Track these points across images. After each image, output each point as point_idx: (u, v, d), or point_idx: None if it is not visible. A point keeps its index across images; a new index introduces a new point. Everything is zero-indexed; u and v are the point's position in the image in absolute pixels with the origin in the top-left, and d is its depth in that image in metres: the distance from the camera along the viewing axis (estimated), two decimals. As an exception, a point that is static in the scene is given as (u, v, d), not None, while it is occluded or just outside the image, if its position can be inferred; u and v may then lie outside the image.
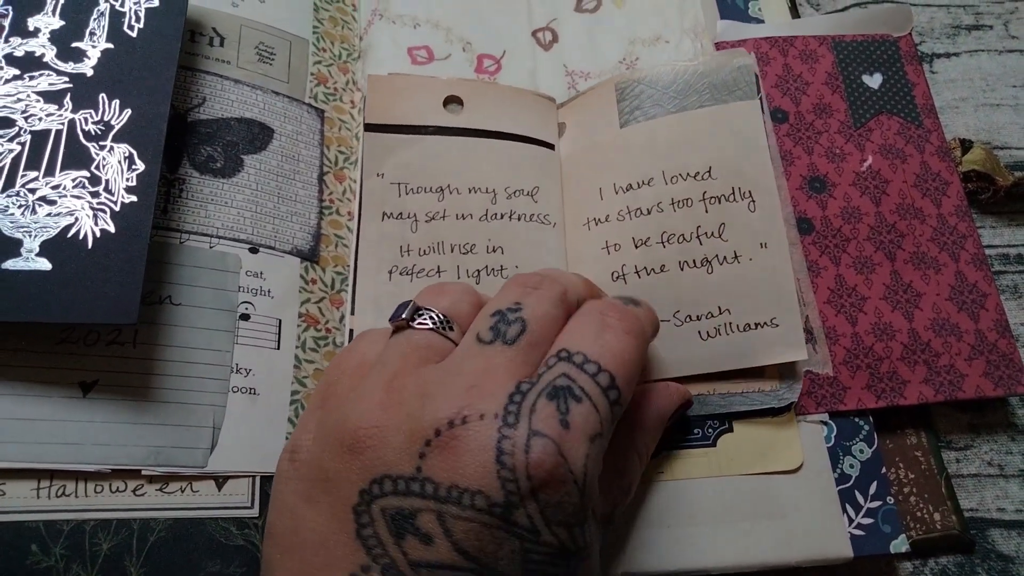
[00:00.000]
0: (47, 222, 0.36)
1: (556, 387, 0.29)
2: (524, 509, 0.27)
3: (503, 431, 0.27)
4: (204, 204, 0.41)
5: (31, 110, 0.38)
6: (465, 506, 0.26)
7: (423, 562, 0.26)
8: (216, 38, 0.44)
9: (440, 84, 0.45)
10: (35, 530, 0.34)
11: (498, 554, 0.27)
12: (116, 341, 0.37)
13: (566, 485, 0.27)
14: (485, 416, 0.27)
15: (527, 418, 0.28)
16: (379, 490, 0.27)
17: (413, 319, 0.32)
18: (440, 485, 0.27)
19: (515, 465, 0.27)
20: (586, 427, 0.28)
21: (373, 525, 0.27)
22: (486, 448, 0.27)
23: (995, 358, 0.43)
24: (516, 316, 0.31)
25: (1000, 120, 0.53)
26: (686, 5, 0.52)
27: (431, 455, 0.27)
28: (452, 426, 0.27)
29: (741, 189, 0.42)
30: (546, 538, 0.27)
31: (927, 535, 0.41)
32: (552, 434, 0.27)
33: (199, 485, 0.36)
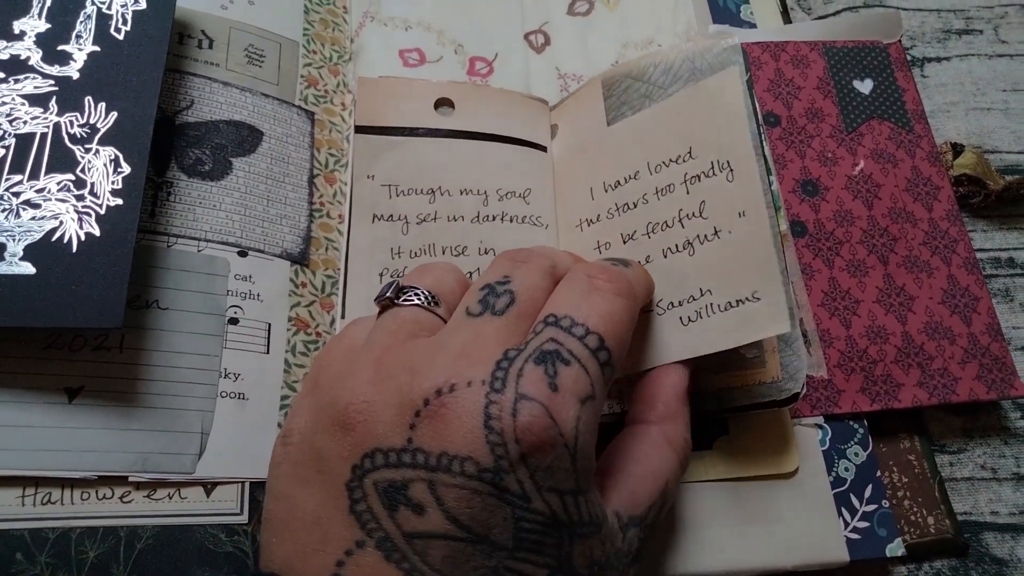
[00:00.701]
0: (31, 226, 0.35)
1: (544, 351, 0.28)
2: (514, 474, 0.27)
3: (490, 396, 0.27)
4: (192, 207, 0.40)
5: (16, 113, 0.37)
6: (455, 473, 0.26)
7: (417, 532, 0.26)
8: (205, 40, 0.44)
9: (431, 87, 0.45)
10: (20, 538, 0.33)
11: (490, 522, 0.26)
12: (102, 346, 0.37)
13: (556, 448, 0.27)
14: (472, 383, 0.27)
15: (514, 382, 0.27)
16: (371, 464, 0.27)
17: (398, 297, 0.32)
18: (431, 454, 0.27)
19: (503, 429, 0.27)
20: (576, 389, 0.28)
21: (366, 500, 0.27)
22: (474, 414, 0.27)
23: (987, 361, 0.43)
24: (504, 288, 0.31)
25: (990, 124, 0.53)
26: (678, 9, 0.52)
27: (421, 425, 0.27)
28: (440, 395, 0.27)
29: (719, 161, 0.39)
30: (537, 505, 0.27)
31: (921, 539, 0.40)
32: (540, 397, 0.27)
33: (187, 492, 0.36)
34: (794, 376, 0.38)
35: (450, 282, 0.33)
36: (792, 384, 0.38)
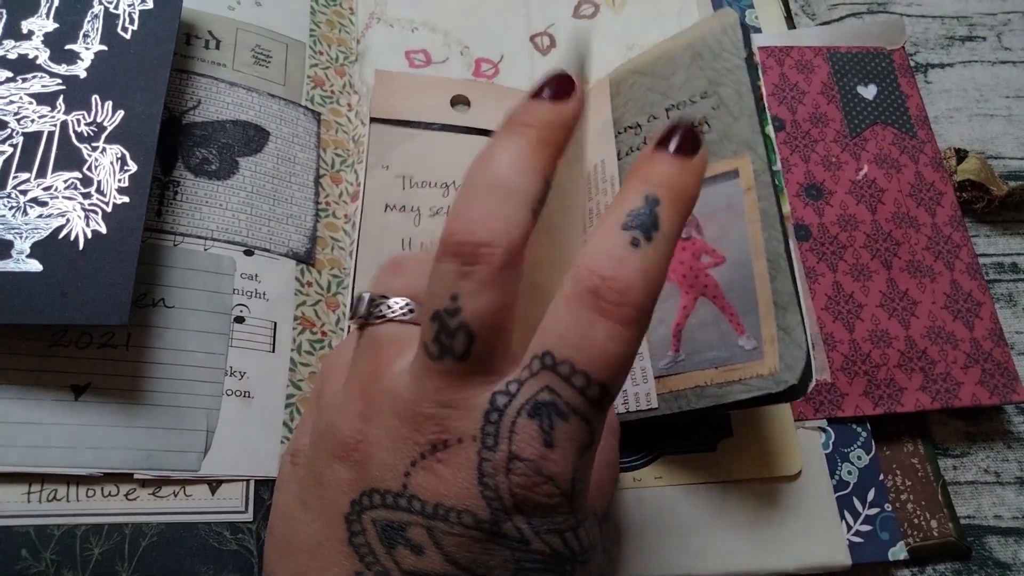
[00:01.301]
0: (38, 223, 0.35)
1: (537, 403, 0.26)
2: (511, 523, 0.26)
3: (483, 454, 0.26)
4: (198, 206, 0.40)
5: (23, 112, 0.38)
6: (452, 523, 0.26)
7: (417, 571, 0.26)
8: (212, 41, 0.44)
9: (448, 83, 0.45)
10: (25, 535, 0.33)
11: (490, 563, 0.26)
12: (109, 344, 0.37)
13: (553, 498, 0.26)
14: (463, 440, 0.26)
15: (506, 440, 0.25)
16: (368, 502, 0.27)
17: (371, 315, 0.30)
18: (427, 503, 0.26)
19: (497, 486, 0.25)
20: (573, 442, 0.26)
21: (364, 534, 0.27)
22: (467, 470, 0.26)
23: (990, 367, 0.43)
24: (456, 323, 0.26)
25: (994, 130, 0.53)
26: (683, 13, 0.52)
27: (416, 474, 0.26)
28: (435, 450, 0.26)
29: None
30: (537, 547, 0.26)
31: (924, 542, 0.40)
32: (534, 456, 0.25)
33: (192, 489, 0.36)
34: (792, 367, 0.36)
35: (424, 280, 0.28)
36: (789, 376, 0.35)
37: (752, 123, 0.39)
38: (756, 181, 0.38)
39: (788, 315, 0.37)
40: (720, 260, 0.39)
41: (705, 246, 0.40)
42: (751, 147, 0.39)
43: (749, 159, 0.39)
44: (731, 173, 0.39)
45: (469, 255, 0.26)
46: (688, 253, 0.40)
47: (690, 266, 0.40)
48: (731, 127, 0.40)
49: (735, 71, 0.40)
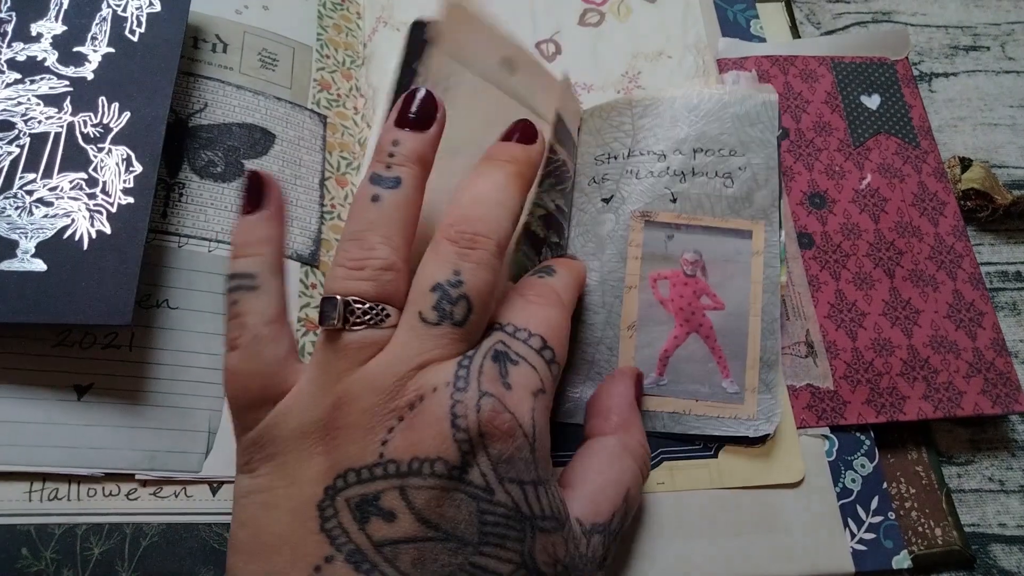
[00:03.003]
0: (44, 223, 0.35)
1: (496, 351, 0.30)
2: (478, 467, 0.28)
3: (455, 396, 0.28)
4: (204, 208, 0.40)
5: (31, 113, 0.38)
6: (426, 475, 0.28)
7: (387, 540, 0.27)
8: (219, 44, 0.44)
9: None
10: (26, 533, 0.33)
11: (457, 518, 0.28)
12: (112, 344, 0.37)
13: (515, 438, 0.29)
14: (438, 388, 0.29)
15: (476, 380, 0.29)
16: (343, 483, 0.28)
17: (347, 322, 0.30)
18: (401, 462, 0.28)
19: (468, 425, 0.28)
20: (527, 384, 0.30)
21: (337, 516, 0.28)
22: (442, 417, 0.28)
23: (993, 376, 0.43)
24: (459, 293, 0.30)
25: (998, 139, 0.53)
26: (688, 22, 0.53)
27: (393, 439, 0.28)
28: (412, 407, 0.28)
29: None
30: (500, 496, 0.28)
31: (928, 550, 0.40)
32: (498, 393, 0.29)
33: (193, 490, 0.36)
34: (769, 418, 0.40)
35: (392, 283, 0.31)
36: (766, 426, 0.40)
37: (773, 196, 0.43)
38: (766, 248, 0.42)
39: (772, 373, 0.41)
40: (720, 306, 0.42)
41: (707, 288, 0.42)
42: (767, 217, 0.43)
43: (763, 227, 0.43)
44: (745, 232, 0.43)
45: (469, 241, 0.31)
46: (690, 290, 0.42)
47: (689, 303, 0.42)
48: (754, 192, 0.43)
49: (767, 145, 0.44)
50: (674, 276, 0.42)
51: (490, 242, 0.31)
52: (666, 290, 0.42)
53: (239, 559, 0.29)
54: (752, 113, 0.45)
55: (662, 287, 0.42)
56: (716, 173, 0.44)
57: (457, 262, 0.31)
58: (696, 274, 0.42)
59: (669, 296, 0.42)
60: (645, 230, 0.43)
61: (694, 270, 0.42)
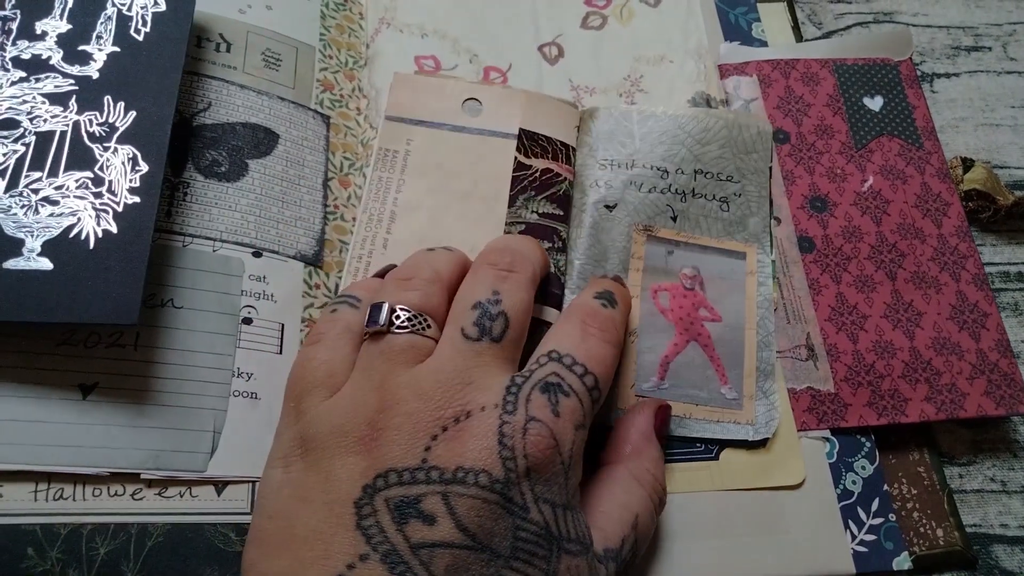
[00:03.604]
0: (49, 222, 0.35)
1: (547, 383, 0.32)
2: (519, 487, 0.29)
3: (503, 417, 0.30)
4: (208, 208, 0.40)
5: (36, 112, 0.38)
6: (469, 484, 0.28)
7: (425, 543, 0.27)
8: (223, 44, 0.44)
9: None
10: (31, 533, 0.33)
11: (494, 530, 0.28)
12: (117, 344, 0.37)
13: (555, 464, 0.30)
14: (486, 408, 0.30)
15: (524, 406, 0.30)
16: (384, 483, 0.28)
17: (391, 324, 0.33)
18: (446, 470, 0.29)
19: (514, 446, 0.29)
20: (573, 417, 0.31)
21: (375, 515, 0.28)
22: (489, 434, 0.29)
23: (996, 377, 0.43)
24: (498, 310, 0.33)
25: (999, 140, 0.53)
26: (690, 26, 0.53)
27: (437, 447, 0.29)
28: (457, 421, 0.30)
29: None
30: (534, 515, 0.29)
31: (930, 551, 0.40)
32: (546, 420, 0.30)
33: (198, 490, 0.36)
34: (767, 425, 0.42)
35: (436, 298, 0.34)
36: (765, 431, 0.41)
37: (765, 222, 0.46)
38: (758, 269, 0.45)
39: (769, 381, 0.42)
40: (717, 318, 0.44)
41: (705, 301, 0.44)
42: (760, 241, 0.46)
43: (756, 249, 0.45)
44: (740, 254, 0.45)
45: (507, 265, 0.35)
46: (689, 302, 0.43)
47: (688, 313, 0.43)
48: (748, 218, 0.46)
49: (760, 175, 0.47)
50: (674, 288, 0.44)
51: (527, 267, 0.36)
52: (666, 301, 0.43)
53: (262, 551, 0.29)
54: (748, 142, 0.47)
55: (662, 298, 0.43)
56: (714, 196, 0.46)
57: (496, 283, 0.34)
58: (695, 288, 0.44)
59: (669, 307, 0.43)
60: (647, 244, 0.44)
61: (692, 284, 0.44)
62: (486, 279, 0.34)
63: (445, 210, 0.43)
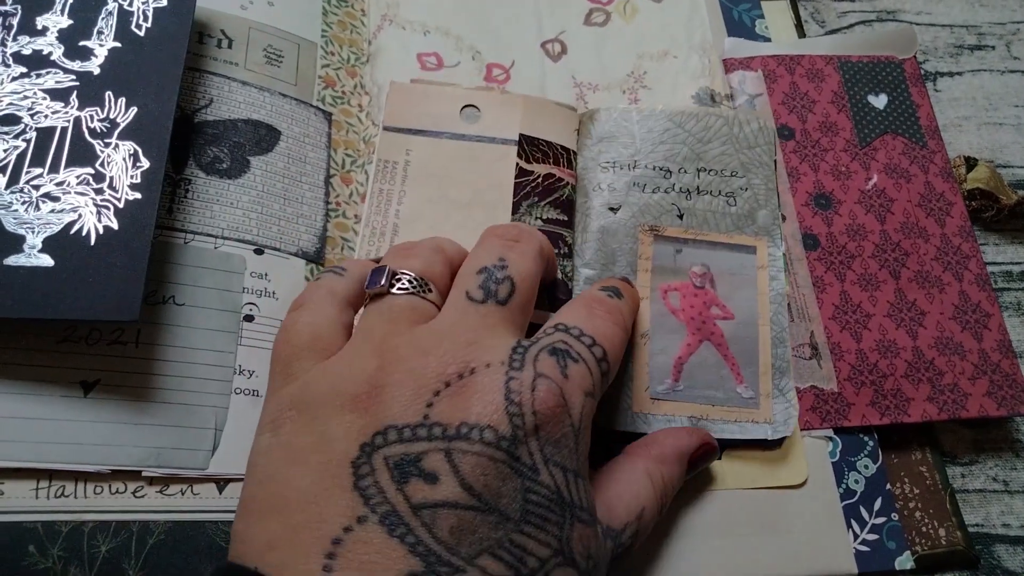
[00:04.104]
0: (50, 218, 0.35)
1: (555, 348, 0.31)
2: (527, 446, 0.28)
3: (510, 373, 0.29)
4: (209, 205, 0.40)
5: (37, 107, 0.38)
6: (474, 440, 0.27)
7: (426, 503, 0.26)
8: (224, 40, 0.44)
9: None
10: (33, 531, 0.33)
11: (501, 491, 0.27)
12: (118, 341, 0.36)
13: (564, 425, 0.29)
14: (492, 364, 0.29)
15: (532, 365, 0.29)
16: (382, 440, 0.27)
17: (392, 285, 0.33)
18: (449, 426, 0.27)
19: (522, 401, 0.28)
20: (582, 382, 0.30)
21: (374, 474, 0.26)
22: (495, 389, 0.28)
23: (998, 378, 0.43)
24: (504, 275, 0.32)
25: (1003, 139, 0.53)
26: (694, 22, 0.53)
27: (439, 403, 0.28)
28: (461, 377, 0.29)
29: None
30: (544, 477, 0.28)
31: (932, 550, 0.40)
32: (555, 377, 0.29)
33: (200, 487, 0.36)
34: (785, 423, 0.41)
35: (438, 265, 0.34)
36: (783, 429, 0.41)
37: (774, 215, 0.45)
38: (769, 263, 0.44)
39: (785, 379, 0.42)
40: (729, 316, 0.43)
41: (716, 299, 0.43)
42: (769, 234, 0.45)
43: (766, 243, 0.45)
44: (750, 248, 0.44)
45: (514, 237, 0.34)
46: (700, 300, 0.43)
47: (700, 312, 0.43)
48: (756, 211, 0.45)
49: (766, 168, 0.46)
50: (684, 288, 0.43)
51: (534, 240, 0.35)
52: (677, 301, 0.43)
53: (250, 521, 0.27)
54: (751, 137, 0.47)
55: (672, 298, 0.43)
56: (720, 192, 0.45)
57: (503, 251, 0.34)
58: (705, 286, 0.43)
59: (680, 307, 0.43)
60: (654, 244, 0.44)
61: (703, 282, 0.43)
62: (492, 248, 0.34)
63: (448, 220, 0.43)
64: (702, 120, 0.47)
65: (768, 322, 0.43)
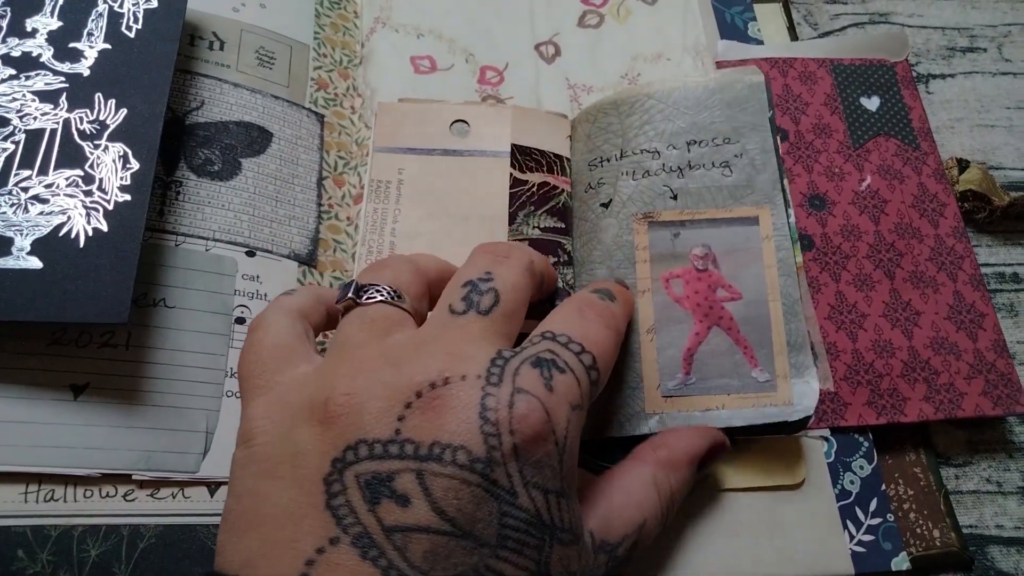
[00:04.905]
0: (39, 220, 0.35)
1: (540, 358, 0.29)
2: (504, 468, 0.26)
3: (486, 389, 0.27)
4: (200, 207, 0.40)
5: (26, 109, 0.37)
6: (446, 462, 0.26)
7: (398, 526, 0.25)
8: (216, 42, 0.44)
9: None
10: (22, 535, 0.33)
11: (476, 515, 0.26)
12: (108, 343, 0.36)
13: (547, 444, 0.27)
14: (467, 377, 0.27)
15: (511, 379, 0.28)
16: (353, 456, 0.26)
17: (360, 296, 0.32)
18: (421, 444, 0.26)
19: (498, 420, 0.27)
20: (569, 394, 0.29)
21: (345, 493, 0.26)
22: (469, 405, 0.27)
23: (993, 378, 0.43)
24: (488, 286, 0.31)
25: (995, 141, 0.53)
26: (687, 25, 0.53)
27: (411, 417, 0.27)
28: (434, 387, 0.27)
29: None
30: (523, 501, 0.27)
31: (927, 551, 0.40)
32: (537, 393, 0.28)
33: (191, 491, 0.35)
34: (803, 402, 0.39)
35: (408, 277, 0.33)
36: (803, 410, 0.38)
37: (774, 179, 0.42)
38: (775, 231, 0.41)
39: (801, 355, 0.39)
40: (737, 296, 0.41)
41: (721, 280, 0.41)
42: (771, 200, 0.42)
43: (769, 211, 0.42)
44: (752, 219, 0.42)
45: (504, 253, 0.33)
46: (704, 284, 0.41)
47: (705, 296, 0.41)
48: (754, 178, 0.43)
49: (760, 128, 0.43)
50: (686, 273, 0.41)
51: (524, 255, 0.34)
52: (680, 288, 0.41)
53: (232, 535, 0.27)
54: (740, 98, 0.44)
55: (675, 286, 0.41)
56: (713, 164, 0.43)
57: (490, 266, 0.33)
58: (708, 268, 0.41)
59: (684, 294, 0.41)
60: (650, 231, 0.42)
61: (705, 264, 0.41)
62: (479, 262, 0.33)
63: (445, 235, 0.43)
64: (687, 90, 0.45)
65: (778, 297, 0.40)
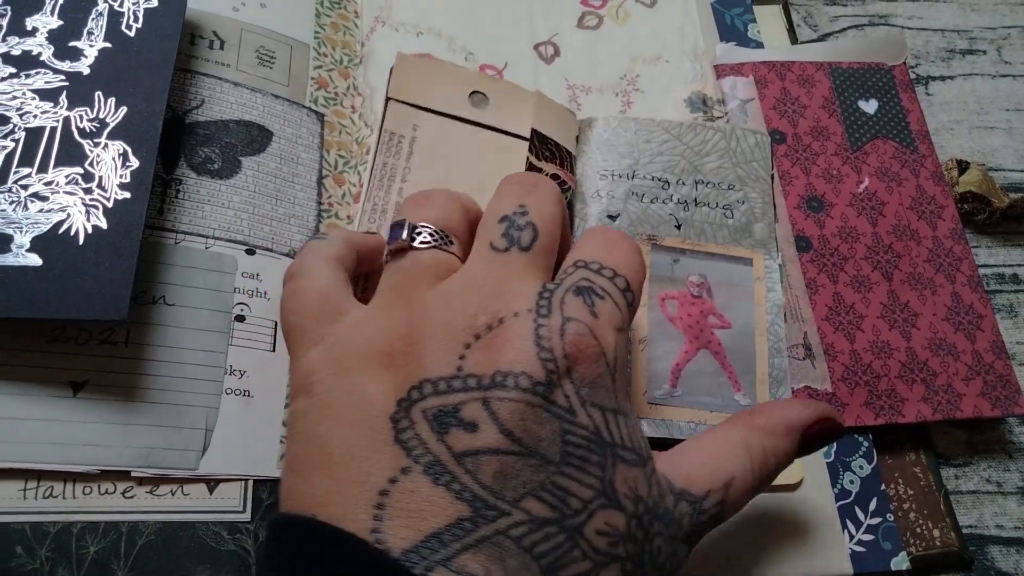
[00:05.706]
0: (39, 218, 0.35)
1: (579, 287, 0.30)
2: (562, 388, 0.28)
3: (538, 321, 0.29)
4: (200, 205, 0.40)
5: (26, 107, 0.37)
6: (510, 387, 0.27)
7: (468, 451, 0.26)
8: (216, 41, 0.44)
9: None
10: (20, 532, 0.33)
11: (540, 434, 0.27)
12: (108, 341, 0.36)
13: (599, 365, 0.29)
14: (519, 314, 0.29)
15: (559, 309, 0.29)
16: (419, 394, 0.27)
17: (413, 239, 0.32)
18: (483, 376, 0.27)
19: (552, 347, 0.28)
20: (611, 319, 0.30)
21: (413, 427, 0.27)
22: (525, 337, 0.28)
23: (992, 379, 0.43)
24: (525, 220, 0.32)
25: (994, 143, 0.54)
26: (686, 27, 0.53)
27: (471, 355, 0.28)
28: (491, 328, 0.28)
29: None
30: (582, 419, 0.28)
31: (927, 551, 0.40)
32: (583, 319, 0.29)
33: (190, 488, 0.35)
34: None
35: (457, 217, 0.34)
36: None
37: (770, 228, 0.46)
38: (766, 275, 0.44)
39: (782, 388, 0.42)
40: (727, 325, 0.43)
41: (713, 308, 0.43)
42: (766, 247, 0.45)
43: (762, 256, 0.45)
44: (747, 260, 0.45)
45: (532, 183, 0.34)
46: (697, 309, 0.43)
47: (697, 320, 0.43)
48: (753, 225, 0.45)
49: (762, 183, 0.47)
50: (681, 296, 0.43)
51: (552, 185, 0.34)
52: (674, 309, 0.43)
53: (298, 477, 0.28)
54: (747, 151, 0.47)
55: (670, 306, 0.43)
56: (717, 204, 0.45)
57: (523, 197, 0.33)
58: (702, 295, 0.43)
59: (677, 315, 0.43)
60: (652, 253, 0.44)
61: (700, 291, 0.44)
62: (511, 195, 0.33)
63: None
64: (700, 133, 0.47)
65: (765, 333, 0.43)
